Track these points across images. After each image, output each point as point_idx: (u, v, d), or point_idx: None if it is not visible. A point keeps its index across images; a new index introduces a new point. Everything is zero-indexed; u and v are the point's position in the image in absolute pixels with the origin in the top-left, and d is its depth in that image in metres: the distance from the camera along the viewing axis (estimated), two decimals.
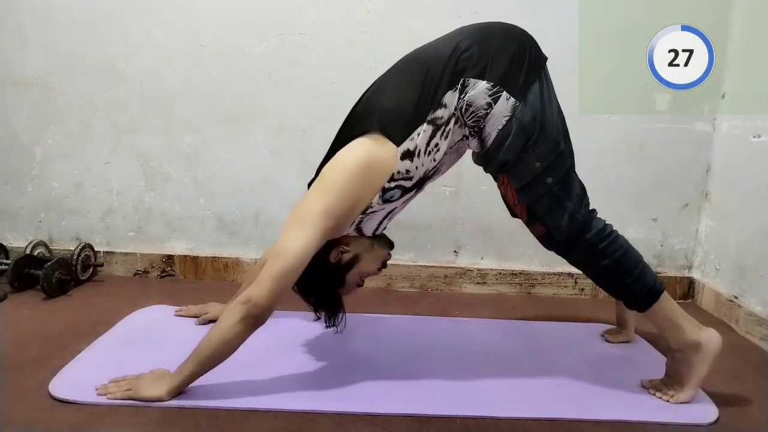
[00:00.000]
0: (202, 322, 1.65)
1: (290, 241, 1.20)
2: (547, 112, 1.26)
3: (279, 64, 2.01)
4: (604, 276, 1.32)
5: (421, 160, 1.26)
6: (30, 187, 2.13)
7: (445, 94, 1.24)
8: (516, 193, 1.28)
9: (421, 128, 1.24)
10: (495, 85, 1.23)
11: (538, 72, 1.28)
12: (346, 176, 1.23)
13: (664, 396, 1.29)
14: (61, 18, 2.02)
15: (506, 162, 1.26)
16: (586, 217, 1.28)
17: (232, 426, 1.15)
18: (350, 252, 1.36)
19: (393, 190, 1.28)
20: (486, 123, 1.25)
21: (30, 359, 1.40)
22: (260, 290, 1.17)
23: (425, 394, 1.30)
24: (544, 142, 1.24)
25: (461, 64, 1.24)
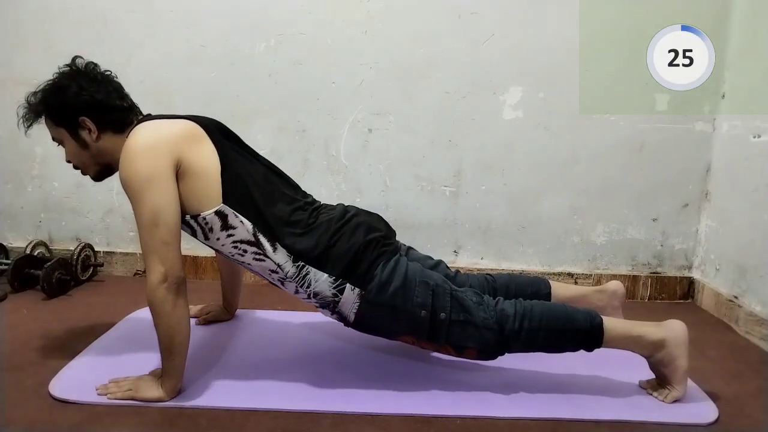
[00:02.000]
0: (203, 322, 1.65)
1: (152, 204, 1.15)
2: (401, 272, 1.27)
3: (279, 64, 2.01)
4: (549, 346, 1.30)
5: (227, 242, 1.26)
6: (30, 187, 2.13)
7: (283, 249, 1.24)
8: (428, 342, 1.29)
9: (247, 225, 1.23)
10: (337, 279, 1.25)
11: (387, 258, 1.28)
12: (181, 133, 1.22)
13: (659, 396, 1.29)
14: (61, 18, 2.02)
15: (390, 332, 1.31)
16: (495, 315, 1.27)
17: (232, 426, 1.15)
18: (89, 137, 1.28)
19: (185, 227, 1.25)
20: (339, 308, 1.28)
21: (30, 359, 1.40)
22: (166, 260, 1.15)
23: (425, 394, 1.30)
24: (414, 293, 1.25)
25: (308, 245, 1.25)
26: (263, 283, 2.10)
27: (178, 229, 1.19)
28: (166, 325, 1.18)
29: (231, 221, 1.23)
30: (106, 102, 1.28)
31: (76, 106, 1.27)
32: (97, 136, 1.28)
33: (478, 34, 1.98)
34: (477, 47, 1.99)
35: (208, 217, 1.23)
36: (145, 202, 1.16)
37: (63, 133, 1.30)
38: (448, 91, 2.02)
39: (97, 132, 1.27)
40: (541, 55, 1.99)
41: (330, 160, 2.08)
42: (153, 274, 1.15)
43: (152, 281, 1.15)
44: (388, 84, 2.02)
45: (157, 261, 1.15)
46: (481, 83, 2.01)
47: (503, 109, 2.02)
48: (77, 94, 1.27)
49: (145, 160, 1.17)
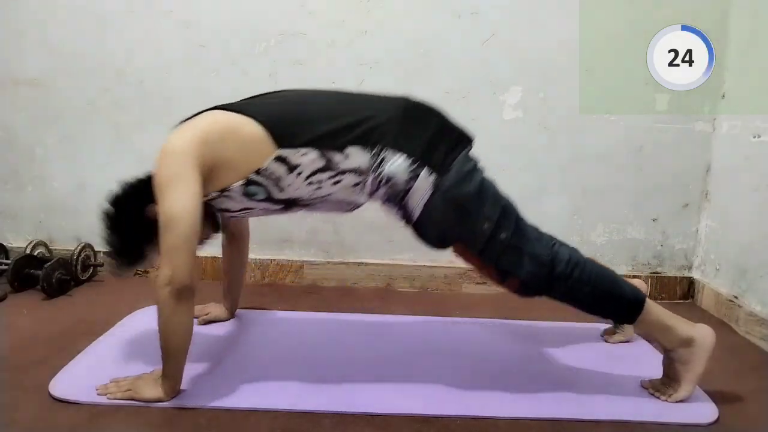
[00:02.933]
0: (203, 323, 1.65)
1: (171, 205, 1.16)
2: (476, 178, 1.26)
3: (279, 64, 2.01)
4: (587, 303, 1.30)
5: (299, 182, 1.25)
6: (30, 187, 2.13)
7: (352, 146, 1.22)
8: (477, 258, 1.28)
9: (312, 153, 1.22)
10: (416, 161, 1.22)
11: (463, 148, 1.28)
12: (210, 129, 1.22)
13: (663, 396, 1.29)
14: (61, 18, 2.02)
15: (446, 236, 1.28)
16: (551, 253, 1.27)
17: (232, 426, 1.15)
18: None
19: (257, 187, 1.25)
20: (408, 198, 1.25)
21: (30, 359, 1.40)
22: (174, 265, 1.15)
23: (425, 394, 1.30)
24: (485, 203, 1.24)
25: (380, 128, 1.23)
26: (263, 282, 2.12)
27: (191, 236, 1.17)
28: (165, 328, 1.18)
29: (294, 160, 1.22)
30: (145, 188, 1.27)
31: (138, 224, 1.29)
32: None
33: (478, 34, 1.98)
34: (477, 47, 1.99)
35: (270, 167, 1.22)
36: (163, 205, 1.17)
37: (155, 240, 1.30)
38: (448, 91, 2.02)
39: None
40: (541, 55, 1.99)
41: None
42: (160, 276, 1.16)
43: (158, 282, 1.16)
44: (388, 84, 2.01)
45: (166, 263, 1.16)
46: (481, 83, 2.01)
47: (503, 109, 2.02)
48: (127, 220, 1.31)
49: (167, 164, 1.19)
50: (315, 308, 1.86)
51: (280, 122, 1.24)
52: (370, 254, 2.12)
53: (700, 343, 1.27)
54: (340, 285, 2.12)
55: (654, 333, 1.30)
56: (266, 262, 2.12)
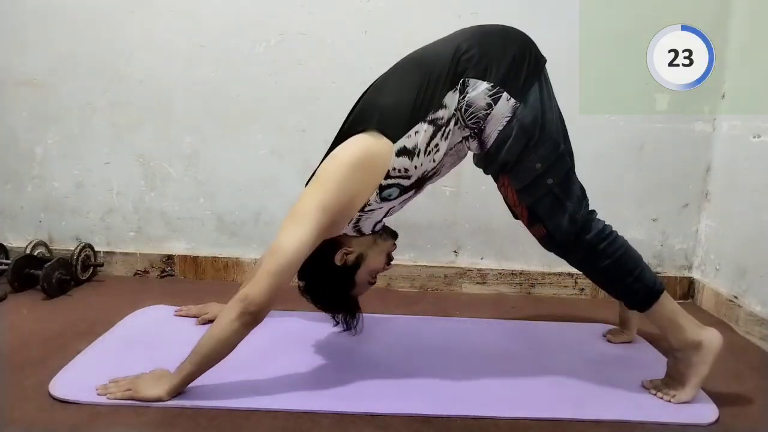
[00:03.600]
0: (202, 322, 1.65)
1: (286, 238, 1.20)
2: (547, 113, 1.26)
3: (279, 64, 2.01)
4: (604, 276, 1.32)
5: (420, 160, 1.26)
6: (30, 187, 2.13)
7: (446, 95, 1.24)
8: (516, 194, 1.28)
9: (421, 127, 1.24)
10: (495, 86, 1.23)
11: (538, 74, 1.28)
12: (340, 171, 1.22)
13: (665, 396, 1.29)
14: (61, 18, 2.02)
15: (507, 162, 1.26)
16: (587, 218, 1.28)
17: (232, 426, 1.15)
18: (354, 252, 1.36)
19: (391, 188, 1.27)
20: (486, 124, 1.25)
21: (30, 359, 1.40)
22: (257, 288, 1.18)
23: (425, 394, 1.30)
24: (544, 143, 1.24)
25: (462, 65, 1.24)
26: None
27: (288, 273, 1.20)
28: (214, 338, 1.19)
29: (410, 145, 1.23)
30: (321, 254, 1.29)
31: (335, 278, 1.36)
32: (351, 244, 1.36)
33: None
34: None
35: (396, 164, 1.24)
36: (287, 231, 1.20)
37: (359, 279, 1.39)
38: None
39: (345, 245, 1.34)
40: None
41: None
42: (241, 292, 1.20)
43: (237, 296, 1.20)
44: None
45: (254, 282, 1.19)
46: None
47: None
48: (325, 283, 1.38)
49: (311, 198, 1.22)
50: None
51: (382, 118, 1.24)
52: None
53: (707, 346, 1.27)
54: None
55: (664, 328, 1.30)
56: None
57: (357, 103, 1.37)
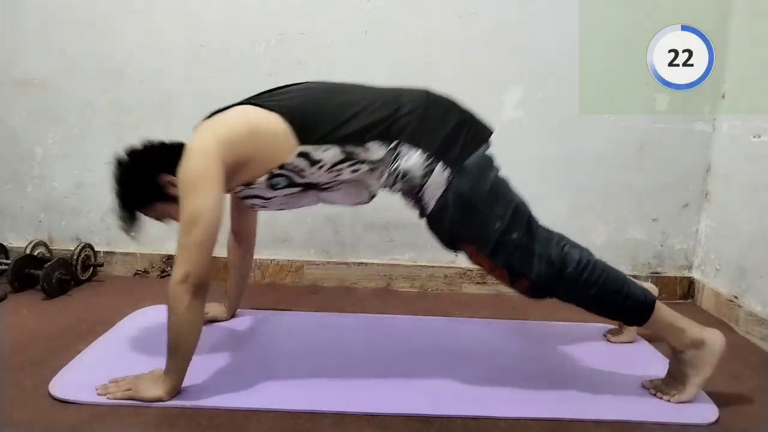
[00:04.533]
0: None
1: (197, 203, 1.17)
2: (489, 176, 1.26)
3: (279, 64, 2.01)
4: (595, 304, 1.30)
5: (320, 172, 1.27)
6: (30, 187, 2.13)
7: (372, 141, 1.24)
8: (488, 258, 1.28)
9: (334, 149, 1.24)
10: (430, 156, 1.24)
11: (478, 145, 1.28)
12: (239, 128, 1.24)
13: (665, 396, 1.29)
14: (61, 18, 2.02)
15: (458, 235, 1.28)
16: (561, 254, 1.27)
17: (232, 426, 1.15)
18: (176, 190, 1.26)
19: (280, 178, 1.28)
20: (423, 192, 1.26)
21: (30, 359, 1.40)
22: (194, 262, 1.16)
23: (425, 394, 1.30)
24: (496, 202, 1.25)
25: (398, 123, 1.25)
26: (263, 282, 2.12)
27: (214, 236, 1.19)
28: (176, 325, 1.19)
29: (316, 156, 1.24)
30: (165, 154, 1.29)
31: (149, 182, 1.31)
32: None
33: (478, 34, 1.98)
34: (477, 47, 1.99)
35: (294, 162, 1.25)
36: (188, 202, 1.18)
37: (161, 208, 1.34)
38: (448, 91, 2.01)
39: None
40: (541, 55, 1.99)
41: None
42: (177, 272, 1.17)
43: (174, 278, 1.17)
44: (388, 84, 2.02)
45: (185, 260, 1.17)
46: (481, 83, 2.01)
47: (503, 109, 2.02)
48: (142, 175, 1.31)
49: (195, 162, 1.20)
50: (315, 308, 1.86)
51: (303, 118, 1.25)
52: (370, 254, 2.12)
53: (710, 346, 1.26)
54: (340, 285, 2.12)
55: (665, 335, 1.30)
56: (266, 262, 2.12)
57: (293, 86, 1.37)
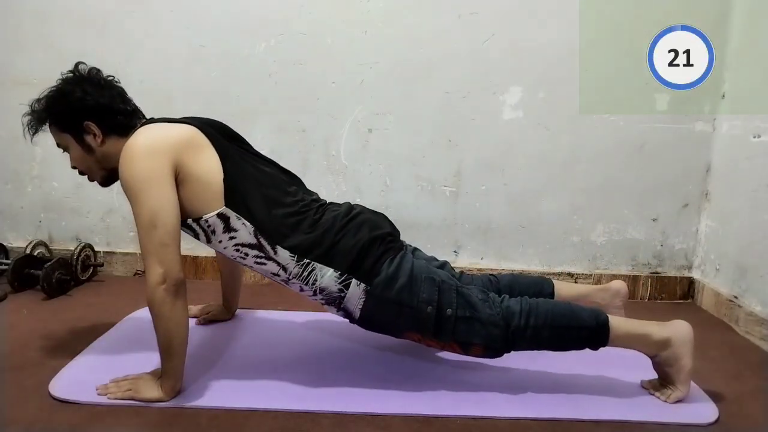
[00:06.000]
0: (202, 322, 1.65)
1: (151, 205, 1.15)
2: (406, 269, 1.27)
3: (279, 64, 2.01)
4: (554, 344, 1.30)
5: (228, 245, 1.27)
6: (30, 187, 2.13)
7: (281, 248, 1.24)
8: (435, 339, 1.29)
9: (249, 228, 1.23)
10: (342, 273, 1.25)
11: (393, 255, 1.29)
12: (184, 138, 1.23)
13: (662, 396, 1.29)
14: (61, 18, 2.02)
15: (394, 329, 1.31)
16: (501, 311, 1.27)
17: (232, 426, 1.15)
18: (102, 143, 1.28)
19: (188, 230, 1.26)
20: (345, 304, 1.28)
21: (30, 359, 1.40)
22: (166, 262, 1.15)
23: (425, 394, 1.30)
24: (420, 289, 1.25)
25: (314, 241, 1.25)
26: (263, 282, 2.12)
27: (177, 231, 1.19)
28: (165, 327, 1.18)
29: (233, 224, 1.24)
30: (110, 106, 1.28)
31: (80, 111, 1.27)
32: (102, 141, 1.28)
33: (478, 34, 1.98)
34: (477, 47, 1.99)
35: (210, 220, 1.23)
36: (143, 204, 1.16)
37: (68, 139, 1.30)
38: (448, 91, 2.02)
39: (102, 136, 1.28)
40: (541, 55, 1.99)
41: (330, 160, 2.08)
42: (152, 276, 1.15)
43: (151, 283, 1.15)
44: (388, 84, 2.03)
45: (155, 262, 1.15)
46: (481, 83, 2.01)
47: (503, 109, 2.02)
48: (81, 99, 1.26)
49: (144, 161, 1.17)
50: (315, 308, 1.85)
51: (239, 185, 1.24)
52: None
53: (677, 340, 1.26)
54: None
55: (630, 345, 1.30)
56: None
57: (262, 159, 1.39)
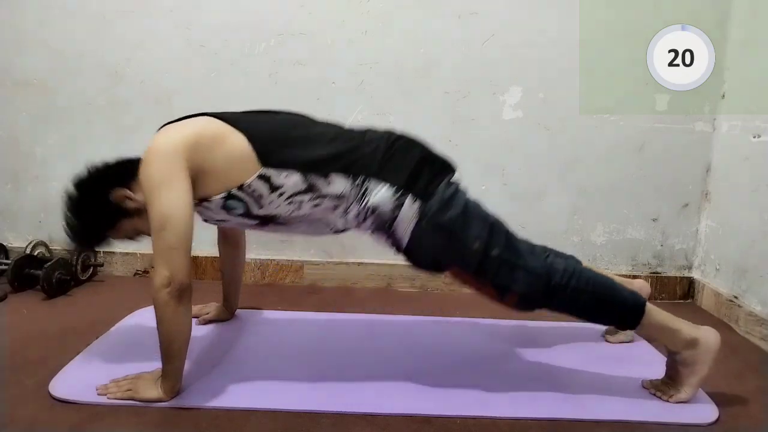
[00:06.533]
0: (202, 322, 1.65)
1: (163, 207, 1.15)
2: (460, 200, 1.27)
3: (279, 64, 2.01)
4: (586, 312, 1.30)
5: (279, 201, 1.25)
6: (30, 187, 2.13)
7: (336, 173, 1.24)
8: (473, 277, 1.28)
9: (296, 176, 1.23)
10: (399, 189, 1.24)
11: (445, 176, 1.29)
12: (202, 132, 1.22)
13: (664, 396, 1.29)
14: (61, 18, 2.02)
15: (437, 259, 1.28)
16: (546, 264, 1.27)
17: (232, 426, 1.15)
18: (135, 202, 1.27)
19: (237, 201, 1.25)
20: (396, 227, 1.26)
21: (30, 359, 1.40)
22: (173, 265, 1.14)
23: (425, 394, 1.30)
24: (472, 223, 1.25)
25: (364, 158, 1.25)
26: (263, 282, 2.12)
27: (187, 235, 1.17)
28: (166, 330, 1.18)
29: (276, 180, 1.23)
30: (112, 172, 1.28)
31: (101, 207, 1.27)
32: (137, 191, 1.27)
33: (478, 34, 1.98)
34: (477, 47, 1.99)
35: (253, 184, 1.23)
36: (155, 206, 1.16)
37: (126, 225, 1.30)
38: (448, 91, 2.02)
39: (133, 191, 1.27)
40: (541, 55, 1.99)
41: None
42: (157, 278, 1.15)
43: (156, 284, 1.15)
44: (388, 84, 2.02)
45: (162, 265, 1.15)
46: (481, 83, 2.01)
47: (503, 109, 2.02)
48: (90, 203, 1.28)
49: (158, 164, 1.18)
50: (315, 308, 1.86)
51: (268, 141, 1.24)
52: (370, 254, 2.11)
53: (704, 345, 1.26)
54: (340, 285, 2.12)
55: (657, 336, 1.30)
56: (266, 262, 2.12)
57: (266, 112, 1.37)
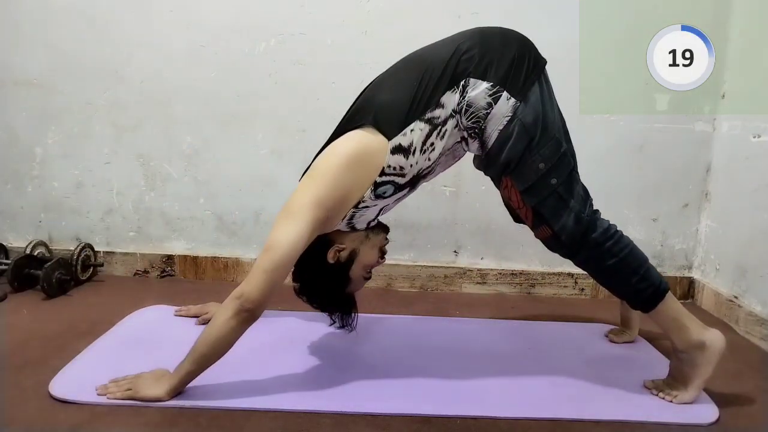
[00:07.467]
0: (202, 322, 1.65)
1: (280, 234, 1.19)
2: (548, 114, 1.26)
3: (279, 64, 2.01)
4: (610, 276, 1.31)
5: (416, 158, 1.26)
6: (30, 187, 2.13)
7: (444, 95, 1.24)
8: (520, 195, 1.27)
9: (417, 125, 1.23)
10: (495, 85, 1.23)
11: (538, 74, 1.27)
12: (335, 166, 1.23)
13: (666, 396, 1.29)
14: (61, 18, 2.02)
15: (509, 163, 1.25)
16: (591, 217, 1.28)
17: (232, 426, 1.15)
18: (346, 248, 1.35)
19: (385, 185, 1.27)
20: (487, 124, 1.25)
21: (30, 359, 1.40)
22: (252, 285, 1.17)
23: (425, 394, 1.30)
24: (547, 143, 1.24)
25: (462, 65, 1.24)
26: None
27: (283, 270, 1.19)
28: (212, 336, 1.19)
29: (406, 142, 1.23)
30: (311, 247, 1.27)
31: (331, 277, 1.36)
32: (343, 240, 1.33)
33: None
34: None
35: (391, 162, 1.24)
36: (280, 225, 1.20)
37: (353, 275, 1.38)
38: None
39: (335, 242, 1.33)
40: None
41: None
42: (237, 288, 1.19)
43: (233, 293, 1.19)
44: None
45: (248, 279, 1.18)
46: None
47: None
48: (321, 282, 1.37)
49: (313, 189, 1.22)
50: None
51: (378, 116, 1.25)
52: None
53: (711, 347, 1.26)
54: None
55: (668, 329, 1.30)
56: None
57: (356, 100, 1.37)
